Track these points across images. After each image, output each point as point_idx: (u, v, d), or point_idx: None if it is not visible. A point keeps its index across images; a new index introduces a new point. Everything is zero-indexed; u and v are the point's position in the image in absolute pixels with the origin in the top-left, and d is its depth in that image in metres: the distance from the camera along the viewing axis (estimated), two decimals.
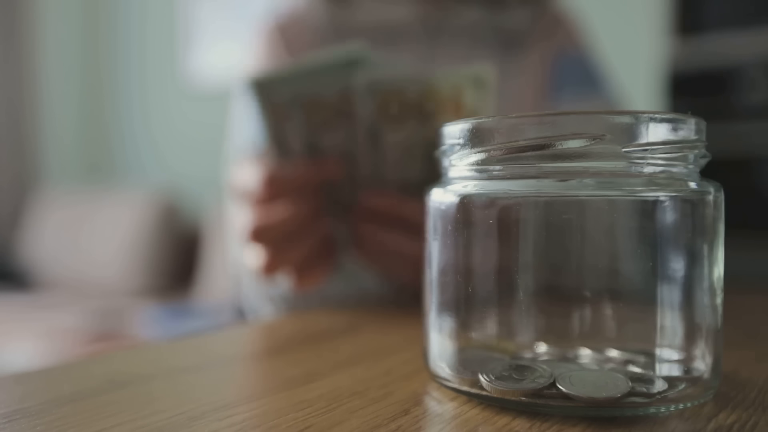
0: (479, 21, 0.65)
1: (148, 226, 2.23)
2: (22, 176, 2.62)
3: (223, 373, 0.28)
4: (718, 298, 0.23)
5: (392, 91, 0.42)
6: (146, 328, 1.74)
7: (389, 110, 0.42)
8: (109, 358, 0.30)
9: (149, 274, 2.20)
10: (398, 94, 0.42)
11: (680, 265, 0.22)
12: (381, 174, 0.44)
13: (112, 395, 0.24)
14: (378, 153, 0.43)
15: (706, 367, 0.23)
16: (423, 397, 0.24)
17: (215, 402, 0.23)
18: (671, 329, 0.22)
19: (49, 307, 1.96)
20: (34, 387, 0.26)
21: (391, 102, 0.42)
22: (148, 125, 2.65)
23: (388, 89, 0.42)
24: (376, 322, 0.39)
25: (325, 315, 0.41)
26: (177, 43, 2.53)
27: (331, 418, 0.22)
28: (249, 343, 0.36)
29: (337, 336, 0.35)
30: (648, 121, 0.22)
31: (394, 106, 0.42)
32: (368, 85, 0.42)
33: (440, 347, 0.25)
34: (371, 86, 0.42)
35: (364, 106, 0.42)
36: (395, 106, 0.42)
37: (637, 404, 0.21)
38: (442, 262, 0.24)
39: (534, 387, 0.21)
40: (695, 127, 0.23)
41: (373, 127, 0.43)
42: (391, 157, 0.43)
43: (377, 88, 0.42)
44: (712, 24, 1.17)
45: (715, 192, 0.23)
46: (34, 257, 2.37)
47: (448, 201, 0.24)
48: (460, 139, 0.24)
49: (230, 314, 0.76)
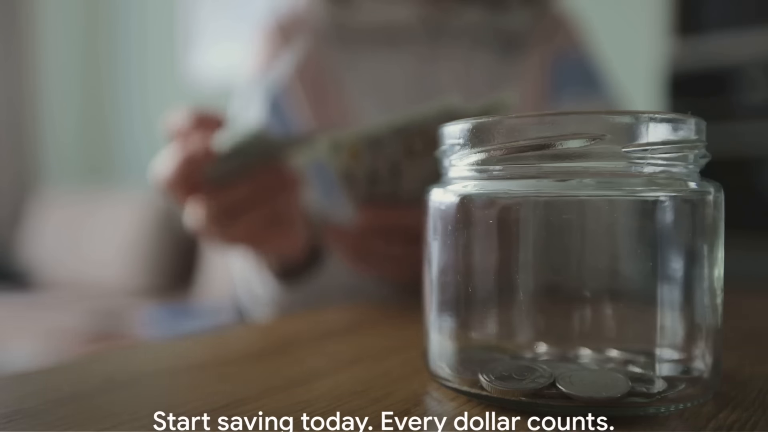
0: (480, 22, 0.65)
1: (147, 227, 2.22)
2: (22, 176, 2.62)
3: (223, 373, 0.28)
4: (718, 298, 0.23)
5: (420, 131, 0.42)
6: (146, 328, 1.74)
7: (414, 146, 0.43)
8: (109, 358, 0.30)
9: (149, 274, 2.20)
10: (425, 133, 0.42)
11: (680, 265, 0.22)
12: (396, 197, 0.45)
13: (112, 395, 0.24)
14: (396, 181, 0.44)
15: (706, 367, 0.23)
16: (423, 397, 0.24)
17: (215, 402, 0.23)
18: (671, 329, 0.22)
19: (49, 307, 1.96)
20: (34, 387, 0.26)
21: (415, 138, 0.43)
22: (148, 125, 2.65)
23: (416, 129, 0.42)
24: (376, 322, 0.39)
25: (325, 315, 0.41)
26: (177, 43, 2.53)
27: (331, 418, 0.22)
28: (249, 342, 0.36)
29: (337, 336, 0.35)
30: (648, 121, 0.22)
31: (418, 143, 0.43)
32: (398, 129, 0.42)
33: (440, 347, 0.25)
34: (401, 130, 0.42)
35: (390, 145, 0.43)
36: (420, 144, 0.43)
37: (637, 404, 0.21)
38: (442, 262, 0.24)
39: (534, 387, 0.21)
40: (695, 127, 0.23)
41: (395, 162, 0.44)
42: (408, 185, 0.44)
43: (407, 128, 0.42)
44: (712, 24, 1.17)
45: (715, 192, 0.23)
46: (34, 257, 2.37)
47: (448, 201, 0.24)
48: (460, 139, 0.24)
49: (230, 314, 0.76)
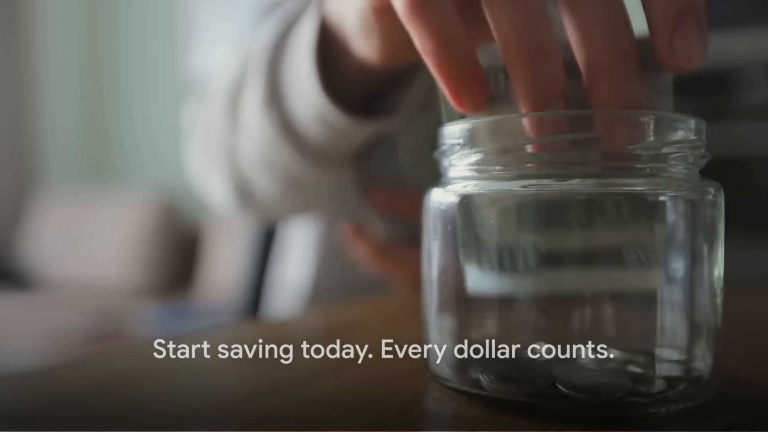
0: None
1: (148, 227, 2.23)
2: (23, 177, 2.62)
3: (223, 373, 0.28)
4: (718, 298, 0.23)
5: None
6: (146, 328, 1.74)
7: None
8: (109, 358, 0.30)
9: (149, 274, 2.20)
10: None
11: (680, 265, 0.22)
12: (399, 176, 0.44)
13: (112, 395, 0.24)
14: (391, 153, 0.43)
15: (706, 367, 0.23)
16: (423, 397, 0.24)
17: (215, 402, 0.23)
18: (671, 329, 0.22)
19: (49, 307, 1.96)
20: (34, 387, 0.26)
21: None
22: (148, 125, 2.65)
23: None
24: (377, 321, 0.39)
25: (325, 315, 0.41)
26: (177, 43, 2.53)
27: (331, 418, 0.22)
28: (249, 342, 0.36)
29: (337, 336, 0.35)
30: (648, 121, 0.22)
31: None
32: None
33: (440, 347, 0.25)
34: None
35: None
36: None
37: (637, 404, 0.21)
38: (442, 262, 0.24)
39: (534, 387, 0.21)
40: (695, 127, 0.23)
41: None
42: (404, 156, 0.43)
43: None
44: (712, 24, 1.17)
45: (715, 192, 0.23)
46: (34, 257, 2.37)
47: (448, 201, 0.24)
48: (460, 139, 0.24)
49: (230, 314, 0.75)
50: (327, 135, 0.40)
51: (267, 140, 0.44)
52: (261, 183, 0.48)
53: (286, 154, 0.43)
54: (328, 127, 0.39)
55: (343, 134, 0.40)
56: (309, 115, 0.40)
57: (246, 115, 0.45)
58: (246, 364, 0.29)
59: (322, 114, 0.39)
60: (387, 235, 0.45)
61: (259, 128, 0.44)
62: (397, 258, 0.44)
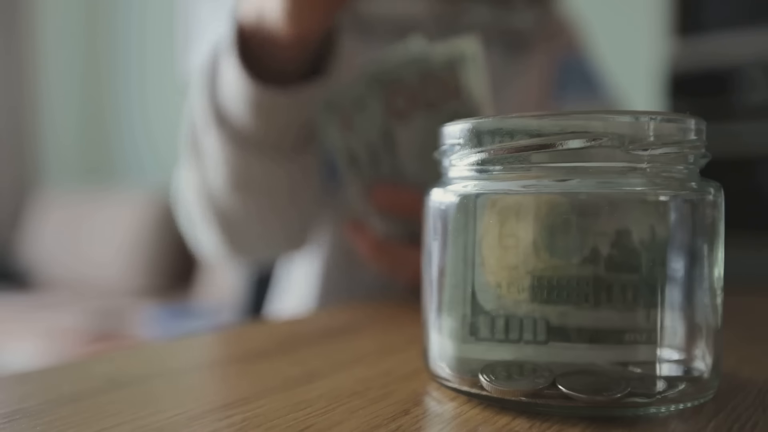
0: (489, 21, 0.65)
1: (147, 226, 2.23)
2: (22, 177, 2.62)
3: (223, 373, 0.28)
4: (718, 298, 0.23)
5: (394, 81, 0.42)
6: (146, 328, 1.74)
7: (396, 105, 0.42)
8: (109, 358, 0.30)
9: (149, 274, 2.20)
10: (399, 83, 0.42)
11: (680, 265, 0.22)
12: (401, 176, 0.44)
13: (112, 395, 0.24)
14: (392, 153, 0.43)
15: (706, 367, 0.23)
16: (423, 397, 0.24)
17: (215, 402, 0.23)
18: (671, 329, 0.22)
19: (49, 307, 1.96)
20: (34, 387, 0.26)
21: (396, 96, 0.42)
22: (148, 125, 2.65)
23: (391, 80, 0.42)
24: (377, 321, 0.39)
25: (325, 315, 0.41)
26: (177, 43, 2.53)
27: (331, 418, 0.22)
28: (249, 342, 0.36)
29: (337, 336, 0.35)
30: (648, 121, 0.22)
31: (399, 100, 0.42)
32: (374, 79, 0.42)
33: (440, 347, 0.25)
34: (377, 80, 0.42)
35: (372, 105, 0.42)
36: (401, 101, 0.42)
37: (637, 404, 0.21)
38: (442, 262, 0.24)
39: (534, 387, 0.21)
40: (695, 127, 0.23)
41: (384, 126, 0.43)
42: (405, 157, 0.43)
43: (382, 78, 0.42)
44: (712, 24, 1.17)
45: (715, 192, 0.23)
46: (34, 257, 2.37)
47: (448, 201, 0.24)
48: (460, 139, 0.24)
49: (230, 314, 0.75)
50: (257, 115, 0.44)
51: (224, 154, 0.47)
52: (237, 209, 0.50)
53: (235, 155, 0.47)
54: (255, 106, 0.44)
55: (270, 111, 0.44)
56: (239, 102, 0.44)
57: (203, 143, 0.49)
58: (246, 364, 0.29)
59: (247, 95, 0.43)
60: (386, 233, 0.45)
61: (214, 147, 0.47)
62: (397, 255, 0.44)
